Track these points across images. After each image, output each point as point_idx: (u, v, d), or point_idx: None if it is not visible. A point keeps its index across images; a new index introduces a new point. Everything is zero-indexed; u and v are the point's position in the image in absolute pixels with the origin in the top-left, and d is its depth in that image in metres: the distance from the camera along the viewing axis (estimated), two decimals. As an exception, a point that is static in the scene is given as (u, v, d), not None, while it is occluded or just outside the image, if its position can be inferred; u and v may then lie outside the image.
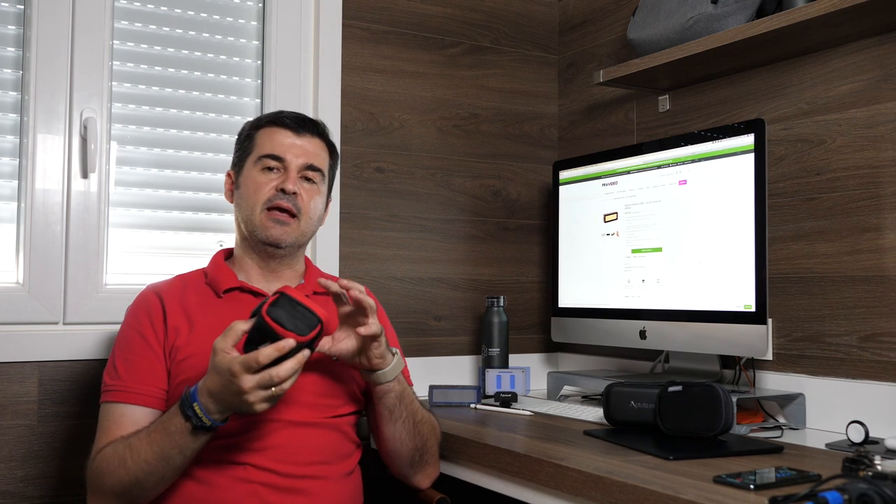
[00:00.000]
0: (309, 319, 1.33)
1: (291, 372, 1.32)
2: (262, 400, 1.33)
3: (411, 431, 1.56)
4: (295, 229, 1.62)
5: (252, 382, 1.31)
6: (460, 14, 2.42)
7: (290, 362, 1.32)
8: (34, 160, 1.87)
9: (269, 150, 1.62)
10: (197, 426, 1.35)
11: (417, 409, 1.58)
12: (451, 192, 2.38)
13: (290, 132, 1.64)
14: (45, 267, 1.87)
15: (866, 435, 1.51)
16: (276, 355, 1.30)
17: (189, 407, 1.35)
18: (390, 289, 2.25)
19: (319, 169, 1.66)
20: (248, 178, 1.64)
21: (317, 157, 1.66)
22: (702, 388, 1.54)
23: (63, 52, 1.90)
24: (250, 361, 1.30)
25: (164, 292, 1.60)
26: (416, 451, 1.59)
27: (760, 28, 1.74)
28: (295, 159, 1.62)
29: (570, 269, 2.23)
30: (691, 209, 1.89)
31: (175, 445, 1.37)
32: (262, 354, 1.30)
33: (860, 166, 1.76)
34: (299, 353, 1.33)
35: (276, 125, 1.65)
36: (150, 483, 1.40)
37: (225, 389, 1.33)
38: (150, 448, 1.38)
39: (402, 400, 1.54)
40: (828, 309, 1.80)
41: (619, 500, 1.27)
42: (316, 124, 1.69)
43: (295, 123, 1.66)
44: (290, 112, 1.70)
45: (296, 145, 1.64)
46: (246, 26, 2.17)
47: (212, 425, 1.36)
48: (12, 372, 1.80)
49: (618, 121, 2.37)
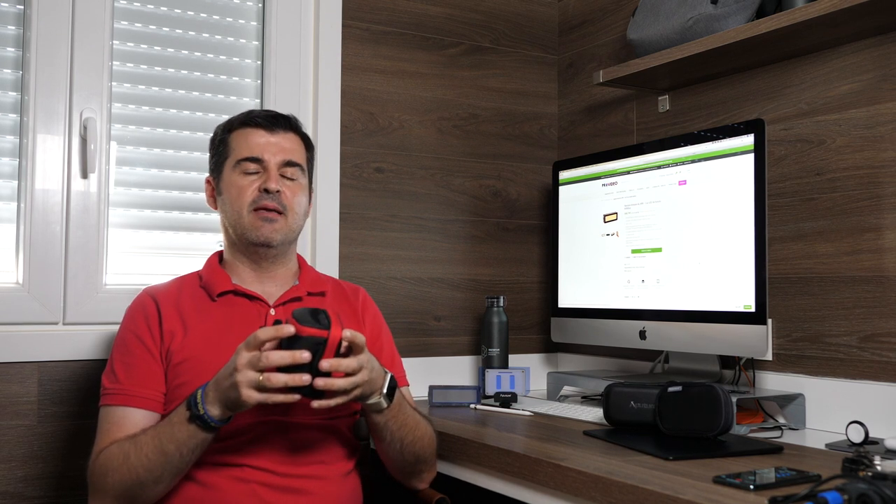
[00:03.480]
0: (320, 323, 1.34)
1: (281, 361, 1.30)
2: (250, 383, 1.31)
3: (398, 453, 1.56)
4: (283, 226, 1.61)
5: (245, 359, 1.32)
6: (460, 14, 2.42)
7: (283, 352, 1.31)
8: (34, 160, 1.87)
9: (247, 153, 1.61)
10: (194, 415, 1.35)
11: (406, 435, 1.54)
12: (450, 193, 2.38)
13: (263, 131, 1.64)
14: (45, 267, 1.87)
15: (866, 435, 1.51)
16: (272, 334, 1.32)
17: (193, 396, 1.37)
18: (390, 289, 2.25)
19: (298, 164, 1.65)
20: (228, 182, 1.63)
21: (293, 152, 1.65)
22: (701, 388, 1.54)
23: (63, 53, 1.90)
24: (250, 338, 1.32)
25: (159, 296, 1.60)
26: (408, 464, 1.60)
27: (760, 28, 1.74)
28: (273, 157, 1.62)
29: (569, 269, 2.23)
30: (691, 209, 1.89)
31: (173, 438, 1.37)
32: (262, 331, 1.32)
33: (860, 166, 1.75)
34: (298, 350, 1.31)
35: (249, 126, 1.64)
36: (149, 481, 1.40)
37: (225, 371, 1.35)
38: (153, 441, 1.39)
39: (387, 428, 1.51)
40: (828, 309, 1.80)
41: (618, 500, 1.27)
42: (288, 119, 1.68)
43: (267, 121, 1.64)
44: (261, 110, 1.69)
45: (271, 143, 1.63)
46: (246, 26, 2.18)
47: (204, 414, 1.35)
48: (12, 372, 1.80)
49: (618, 121, 2.37)
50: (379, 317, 1.77)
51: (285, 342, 1.33)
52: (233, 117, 1.70)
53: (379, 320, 1.76)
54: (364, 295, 1.77)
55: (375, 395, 1.45)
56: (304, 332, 1.32)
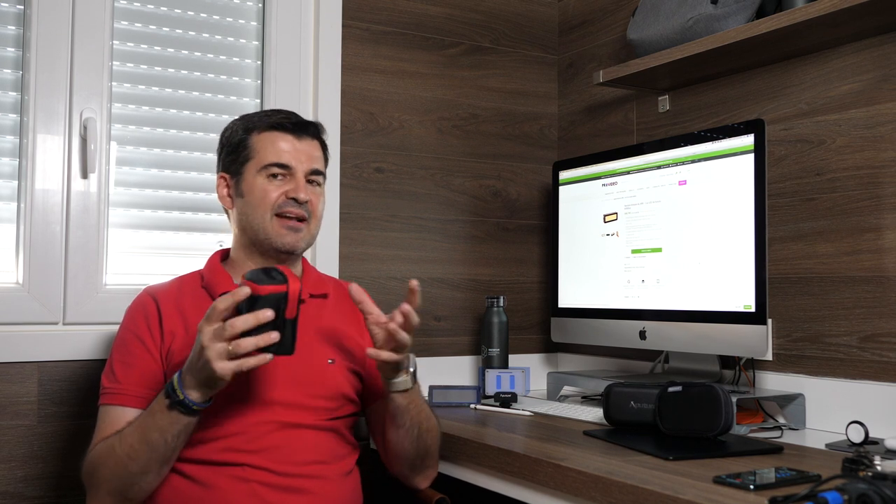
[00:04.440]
0: (275, 280, 1.33)
1: (245, 325, 1.29)
2: (220, 355, 1.30)
3: (414, 441, 1.56)
4: (306, 234, 1.63)
5: (209, 333, 1.31)
6: (460, 14, 2.42)
7: (246, 315, 1.30)
8: (34, 160, 1.87)
9: (275, 159, 1.60)
10: (175, 401, 1.35)
11: (423, 421, 1.56)
12: (450, 193, 2.38)
13: (292, 137, 1.63)
14: (45, 267, 1.87)
15: (866, 435, 1.51)
16: (230, 301, 1.31)
17: (170, 384, 1.37)
18: (390, 289, 2.25)
19: (322, 172, 1.67)
20: (252, 185, 1.61)
21: (318, 160, 1.66)
22: (701, 388, 1.54)
23: (63, 53, 1.90)
24: (209, 311, 1.31)
25: (160, 295, 1.60)
26: (418, 456, 1.60)
27: (760, 28, 1.74)
28: (301, 165, 1.62)
29: (569, 269, 2.23)
30: (691, 209, 1.89)
31: (155, 425, 1.38)
32: (220, 300, 1.31)
33: (860, 166, 1.75)
34: (260, 310, 1.30)
35: (276, 130, 1.63)
36: (137, 471, 1.40)
37: (194, 352, 1.34)
38: (136, 432, 1.40)
39: (408, 411, 1.52)
40: (828, 309, 1.80)
41: (618, 500, 1.27)
42: (315, 126, 1.69)
43: (296, 128, 1.64)
44: (286, 113, 1.68)
45: (300, 151, 1.63)
46: (246, 26, 2.18)
47: (185, 399, 1.35)
48: (12, 372, 1.80)
49: (617, 121, 2.37)
50: (379, 317, 1.76)
51: (245, 306, 1.31)
52: (251, 116, 1.68)
53: (379, 320, 1.76)
54: (365, 295, 1.77)
55: (403, 373, 1.48)
56: (262, 291, 1.31)
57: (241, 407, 1.49)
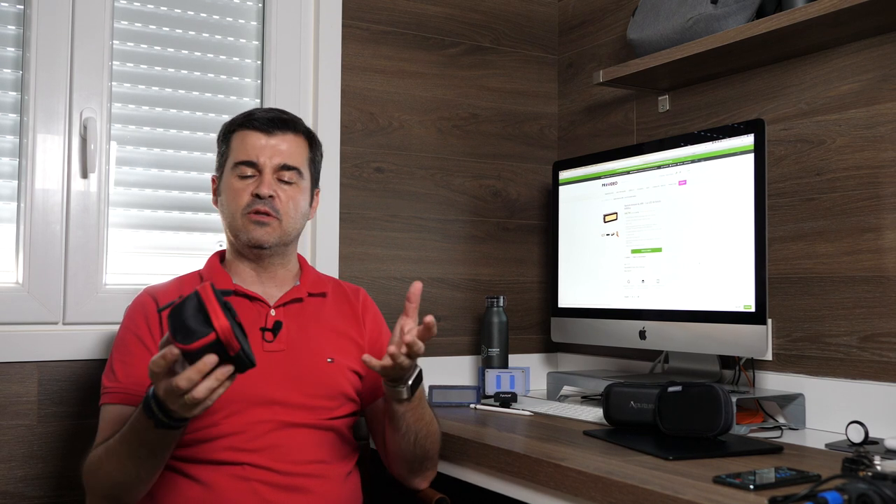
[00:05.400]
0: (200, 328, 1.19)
1: (190, 383, 1.20)
2: (183, 408, 1.23)
3: (411, 445, 1.56)
4: (276, 229, 1.60)
5: (163, 391, 1.24)
6: (460, 14, 2.42)
7: (189, 372, 1.20)
8: (34, 160, 1.87)
9: (243, 156, 1.60)
10: (160, 422, 1.29)
11: (422, 428, 1.55)
12: (450, 193, 2.38)
13: (260, 134, 1.61)
14: (45, 267, 1.87)
15: (866, 435, 1.51)
16: (163, 365, 1.21)
17: (149, 408, 1.29)
18: (390, 289, 2.25)
19: (295, 167, 1.62)
20: (226, 184, 1.63)
21: (291, 155, 1.62)
22: (701, 388, 1.54)
23: (63, 52, 1.90)
24: (152, 367, 1.22)
25: (160, 296, 1.60)
26: (416, 459, 1.59)
27: (760, 28, 1.74)
28: (268, 161, 1.60)
29: (569, 269, 2.23)
30: (691, 209, 1.89)
31: (144, 443, 1.34)
32: (153, 362, 1.22)
33: (860, 166, 1.75)
34: (200, 362, 1.19)
35: (246, 127, 1.63)
36: (129, 482, 1.39)
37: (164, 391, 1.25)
38: (124, 449, 1.36)
39: (405, 418, 1.52)
40: (827, 309, 1.80)
41: (618, 500, 1.27)
42: (287, 121, 1.65)
43: (264, 124, 1.62)
44: (263, 111, 1.67)
45: (268, 146, 1.61)
46: (246, 26, 2.17)
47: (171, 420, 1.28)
48: (12, 372, 1.80)
49: (617, 121, 2.37)
50: (379, 317, 1.77)
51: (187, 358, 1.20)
52: (236, 116, 1.69)
53: (379, 321, 1.76)
54: (364, 295, 1.77)
55: (401, 384, 1.47)
56: (192, 348, 1.19)
57: (241, 406, 1.49)
